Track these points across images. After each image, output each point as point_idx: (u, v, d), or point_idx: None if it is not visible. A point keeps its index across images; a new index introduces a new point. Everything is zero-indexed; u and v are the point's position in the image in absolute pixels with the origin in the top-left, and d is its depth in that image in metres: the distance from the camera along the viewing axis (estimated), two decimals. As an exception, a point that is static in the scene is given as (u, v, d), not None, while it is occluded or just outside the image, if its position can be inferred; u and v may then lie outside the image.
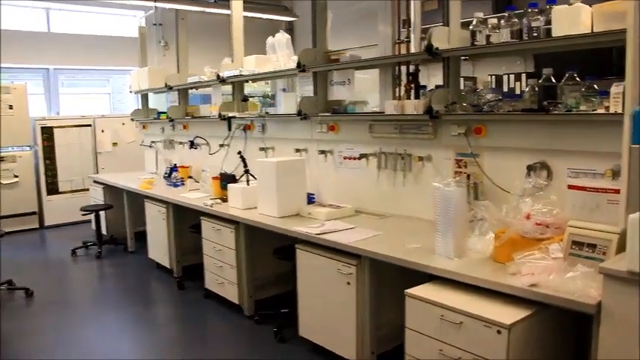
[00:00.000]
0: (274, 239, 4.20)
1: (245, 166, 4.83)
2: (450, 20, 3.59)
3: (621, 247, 2.28)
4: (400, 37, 4.04)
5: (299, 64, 4.56)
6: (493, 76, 6.57)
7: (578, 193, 2.70)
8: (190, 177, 6.19)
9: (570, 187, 2.75)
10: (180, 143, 6.97)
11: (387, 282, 3.37)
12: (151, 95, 8.04)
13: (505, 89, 6.31)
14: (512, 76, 6.34)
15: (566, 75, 3.14)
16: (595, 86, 3.00)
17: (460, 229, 2.91)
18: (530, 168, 3.21)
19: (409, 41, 3.89)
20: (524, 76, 5.70)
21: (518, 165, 3.28)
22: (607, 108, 2.77)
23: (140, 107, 8.08)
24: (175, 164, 6.64)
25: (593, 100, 2.94)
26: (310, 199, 4.65)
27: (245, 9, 6.00)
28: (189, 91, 7.07)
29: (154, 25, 9.58)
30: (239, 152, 4.94)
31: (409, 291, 2.76)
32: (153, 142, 7.65)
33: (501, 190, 3.35)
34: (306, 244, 3.74)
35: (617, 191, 2.50)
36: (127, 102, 10.35)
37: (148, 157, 7.98)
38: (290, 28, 10.82)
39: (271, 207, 4.28)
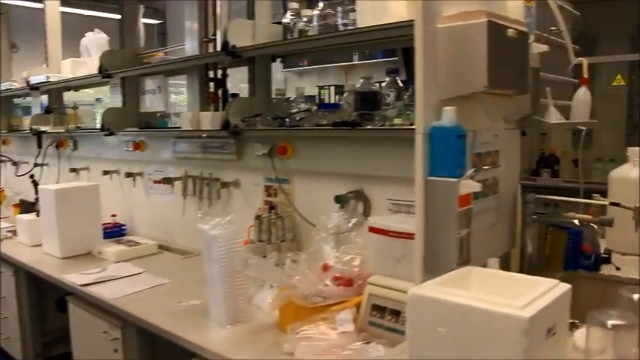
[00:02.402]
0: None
1: (37, 192, 3.90)
2: (255, 11, 2.85)
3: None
4: (208, 34, 3.26)
5: (101, 69, 3.72)
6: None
7: (380, 239, 2.00)
8: (-1, 203, 5.16)
9: (371, 229, 2.04)
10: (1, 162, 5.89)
11: (170, 350, 2.55)
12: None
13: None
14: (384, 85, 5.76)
15: (387, 79, 2.49)
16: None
17: (234, 286, 2.13)
18: (339, 199, 2.49)
19: (215, 39, 3.15)
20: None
21: (334, 194, 2.57)
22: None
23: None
24: (-6, 188, 5.59)
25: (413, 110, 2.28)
26: (120, 232, 3.81)
27: (98, 8, 5.10)
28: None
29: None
30: (31, 176, 4.01)
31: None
32: (-24, 160, 6.52)
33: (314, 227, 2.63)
34: (78, 297, 2.89)
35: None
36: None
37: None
38: (162, 33, 9.92)
39: (54, 245, 3.40)
